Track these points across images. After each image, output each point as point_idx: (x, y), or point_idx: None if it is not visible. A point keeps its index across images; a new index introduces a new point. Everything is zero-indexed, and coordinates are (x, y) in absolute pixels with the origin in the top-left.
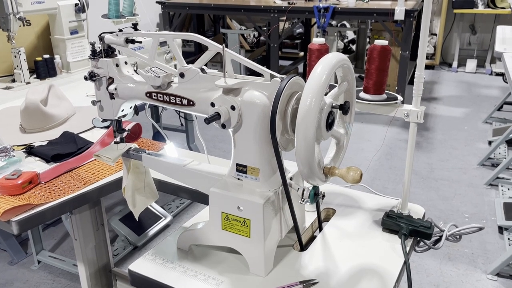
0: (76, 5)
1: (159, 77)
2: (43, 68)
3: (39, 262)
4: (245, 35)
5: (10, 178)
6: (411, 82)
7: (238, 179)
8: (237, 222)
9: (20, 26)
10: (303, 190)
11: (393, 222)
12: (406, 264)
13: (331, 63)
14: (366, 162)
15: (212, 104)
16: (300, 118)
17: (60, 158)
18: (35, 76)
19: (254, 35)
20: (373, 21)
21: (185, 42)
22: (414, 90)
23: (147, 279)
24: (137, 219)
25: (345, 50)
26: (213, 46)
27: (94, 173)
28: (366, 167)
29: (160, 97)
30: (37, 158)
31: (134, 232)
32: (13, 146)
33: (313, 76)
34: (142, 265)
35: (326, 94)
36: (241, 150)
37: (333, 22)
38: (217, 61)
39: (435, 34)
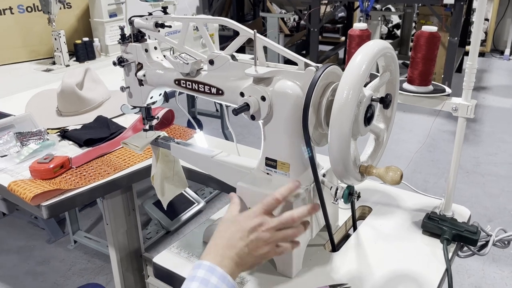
0: None
1: (187, 63)
2: (82, 51)
3: (75, 242)
4: (285, 19)
5: (42, 162)
6: (459, 70)
7: (267, 173)
8: None
9: (60, 8)
10: (337, 189)
11: (434, 225)
12: (447, 272)
13: (372, 52)
14: (407, 154)
15: (242, 94)
16: (335, 111)
17: (92, 143)
18: (74, 58)
19: (294, 19)
20: (420, 4)
21: (223, 26)
22: (464, 81)
23: (170, 273)
24: (165, 207)
25: (389, 35)
26: (244, 32)
27: (125, 159)
28: (407, 159)
29: (189, 84)
30: (71, 142)
31: (167, 216)
32: (48, 129)
33: (351, 65)
34: (167, 258)
35: (365, 85)
36: (271, 143)
37: (377, 6)
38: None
39: (487, 20)
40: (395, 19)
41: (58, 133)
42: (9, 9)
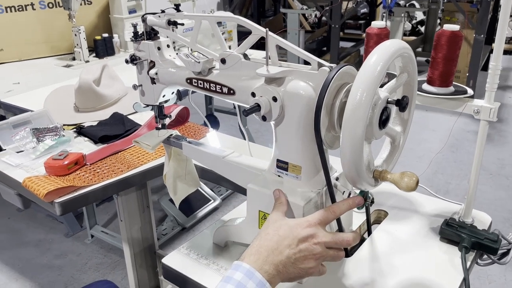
0: None
1: (199, 62)
2: (102, 47)
3: (92, 236)
4: (306, 15)
5: (57, 159)
6: (485, 68)
7: (279, 176)
8: None
9: (81, 4)
10: (349, 194)
11: (453, 232)
12: (465, 281)
13: (388, 52)
14: (428, 154)
15: (253, 94)
16: (347, 114)
17: (107, 140)
18: (94, 54)
19: (315, 15)
20: (445, 0)
21: None
22: (488, 83)
23: (179, 274)
24: (177, 207)
25: (413, 31)
26: (256, 30)
27: (138, 156)
28: (428, 160)
29: (200, 84)
30: (86, 138)
31: (183, 213)
32: (65, 125)
33: (366, 66)
34: (176, 259)
35: (382, 86)
36: (282, 145)
37: (401, 2)
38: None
39: None
40: (420, 15)
41: (74, 129)
42: (30, 5)
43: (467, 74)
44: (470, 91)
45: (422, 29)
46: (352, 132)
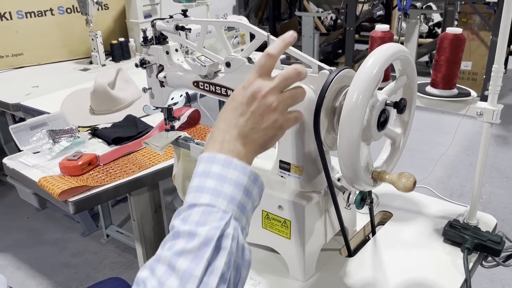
0: None
1: (205, 66)
2: (118, 50)
3: (107, 235)
4: (321, 18)
5: (71, 159)
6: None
7: (282, 176)
8: (277, 222)
9: (98, 10)
10: (349, 194)
11: (456, 233)
12: (466, 282)
13: (385, 55)
14: (443, 158)
15: None
16: (343, 116)
17: (120, 141)
18: (110, 58)
19: (331, 17)
20: (462, 2)
21: (260, 25)
22: (490, 85)
23: None
24: None
25: (430, 33)
26: (259, 34)
27: (150, 157)
28: (441, 163)
29: (207, 86)
30: (100, 140)
31: None
32: (80, 127)
33: (362, 69)
34: None
35: (381, 89)
36: (284, 146)
37: (418, 4)
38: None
39: None
40: (437, 17)
41: (89, 131)
42: (49, 11)
43: (484, 76)
44: (474, 93)
45: (439, 31)
46: (349, 133)
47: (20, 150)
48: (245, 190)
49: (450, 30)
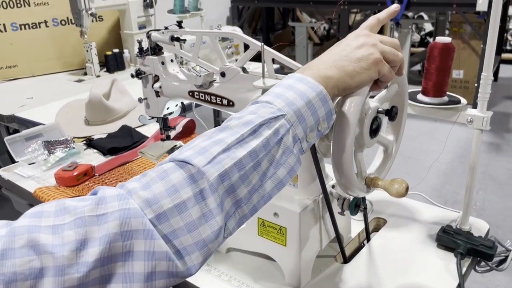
0: (144, 0)
1: (200, 76)
2: (112, 62)
3: None
4: (314, 28)
5: (66, 170)
6: (494, 78)
7: None
8: (273, 229)
9: (92, 21)
10: (343, 200)
11: (449, 239)
12: (460, 287)
13: None
14: (437, 166)
15: None
16: (336, 123)
17: (116, 151)
18: (105, 69)
19: (324, 28)
20: (453, 12)
21: (253, 35)
22: (479, 92)
23: (185, 282)
24: None
25: (422, 43)
26: (253, 45)
27: (145, 167)
28: (435, 171)
29: (202, 96)
30: (95, 150)
31: None
32: (75, 138)
33: None
34: None
35: (373, 97)
36: None
37: (409, 14)
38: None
39: None
40: (428, 27)
41: (84, 142)
42: (44, 23)
43: (476, 85)
44: (464, 101)
45: (431, 40)
46: (341, 140)
47: (14, 162)
48: (309, 103)
49: (440, 39)
